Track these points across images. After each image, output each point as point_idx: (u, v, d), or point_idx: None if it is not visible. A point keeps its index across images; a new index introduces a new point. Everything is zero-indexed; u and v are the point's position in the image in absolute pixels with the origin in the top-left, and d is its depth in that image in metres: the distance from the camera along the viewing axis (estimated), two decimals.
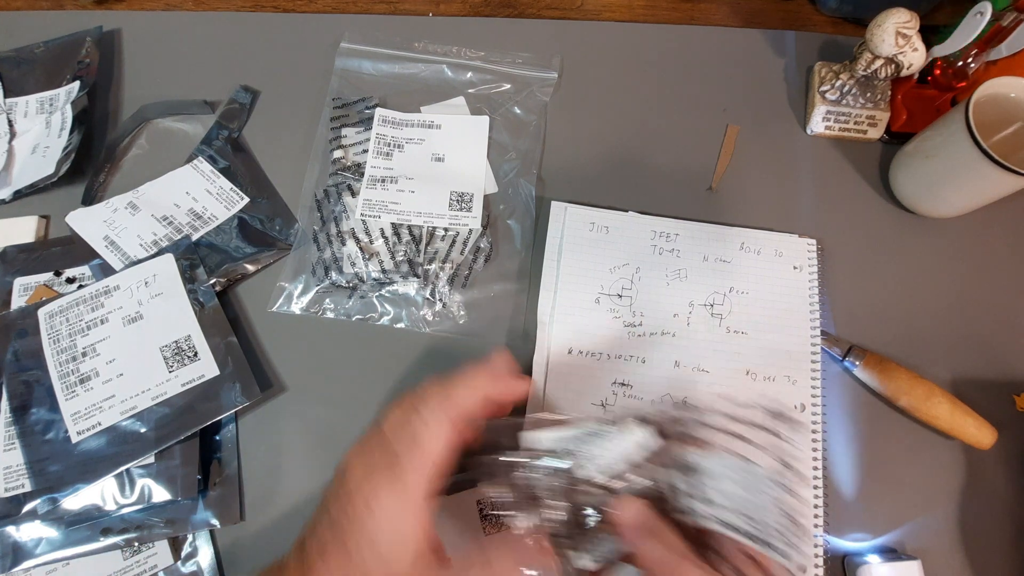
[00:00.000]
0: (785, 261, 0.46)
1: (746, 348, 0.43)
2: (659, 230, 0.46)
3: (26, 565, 0.37)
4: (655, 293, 0.45)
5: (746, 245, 0.46)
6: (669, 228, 0.47)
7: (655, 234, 0.46)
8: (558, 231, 0.46)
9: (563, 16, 0.57)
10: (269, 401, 0.42)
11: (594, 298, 0.44)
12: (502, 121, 0.51)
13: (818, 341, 0.43)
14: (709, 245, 0.46)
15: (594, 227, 0.46)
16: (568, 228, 0.46)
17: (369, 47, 0.53)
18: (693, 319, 0.44)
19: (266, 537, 0.39)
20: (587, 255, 0.45)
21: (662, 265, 0.45)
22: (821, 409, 0.42)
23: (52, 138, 0.48)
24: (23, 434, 0.39)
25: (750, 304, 0.44)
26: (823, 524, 0.39)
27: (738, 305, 0.44)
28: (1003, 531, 0.40)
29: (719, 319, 0.44)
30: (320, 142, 0.49)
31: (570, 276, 0.45)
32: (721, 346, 0.43)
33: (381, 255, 0.45)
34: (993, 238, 0.48)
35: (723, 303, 0.44)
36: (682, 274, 0.45)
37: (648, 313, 0.44)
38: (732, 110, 0.52)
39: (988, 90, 0.41)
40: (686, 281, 0.45)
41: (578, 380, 0.42)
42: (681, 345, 0.43)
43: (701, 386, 0.42)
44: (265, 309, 0.44)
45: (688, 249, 0.46)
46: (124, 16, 0.55)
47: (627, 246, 0.46)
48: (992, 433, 0.40)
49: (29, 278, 0.44)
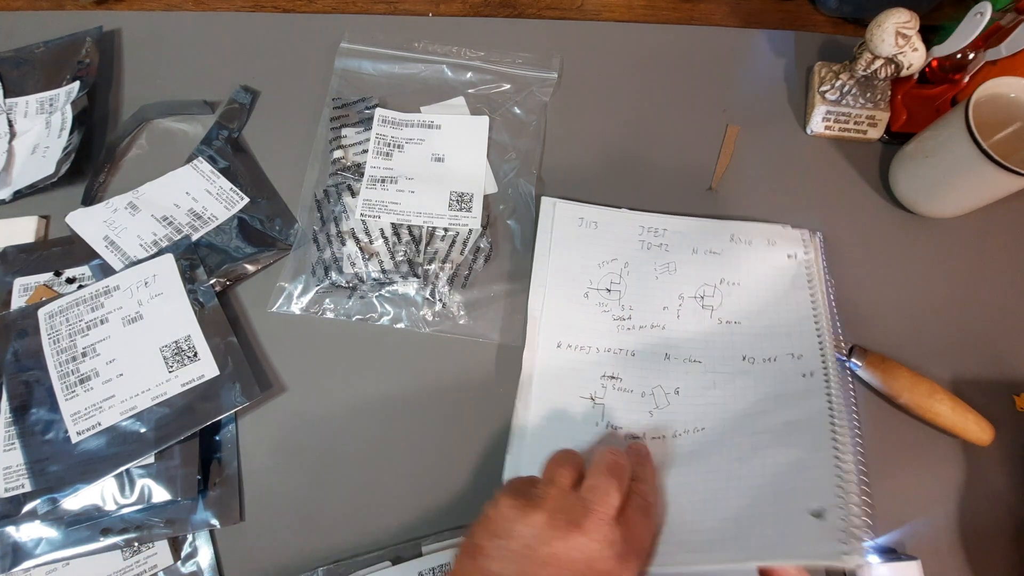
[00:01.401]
0: (778, 250, 0.45)
1: (740, 336, 0.43)
2: (648, 225, 0.46)
3: (26, 565, 0.37)
4: (644, 287, 0.45)
5: (736, 236, 0.46)
6: (658, 223, 0.47)
7: (643, 229, 0.46)
8: (548, 227, 0.46)
9: (563, 16, 0.57)
10: (269, 401, 0.42)
11: (583, 292, 0.44)
12: (502, 121, 0.51)
13: (822, 322, 0.43)
14: (699, 238, 0.46)
15: (583, 222, 0.46)
16: (557, 223, 0.46)
17: (369, 47, 0.53)
18: (683, 311, 0.44)
19: (266, 537, 0.39)
20: (576, 250, 0.45)
21: (651, 259, 0.45)
22: (831, 372, 0.40)
23: (52, 138, 0.48)
24: (23, 434, 0.39)
25: (743, 294, 0.44)
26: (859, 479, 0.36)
27: (730, 296, 0.44)
28: (1003, 531, 0.40)
29: (710, 311, 0.44)
30: (320, 142, 0.49)
31: (559, 271, 0.45)
32: (714, 337, 0.43)
33: (381, 255, 0.45)
34: (993, 238, 0.48)
35: (713, 295, 0.44)
36: (671, 267, 0.45)
37: (637, 307, 0.44)
38: (732, 110, 0.52)
39: (988, 90, 0.41)
40: (675, 274, 0.45)
41: (568, 374, 0.42)
42: (671, 337, 0.43)
43: (693, 376, 0.42)
44: (265, 309, 0.44)
45: (677, 243, 0.46)
46: (124, 16, 0.55)
47: (616, 241, 0.46)
48: (992, 429, 0.40)
49: (29, 278, 0.44)
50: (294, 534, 0.39)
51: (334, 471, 0.41)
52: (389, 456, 0.41)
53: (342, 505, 0.40)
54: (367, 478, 0.40)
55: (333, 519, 0.40)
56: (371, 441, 0.41)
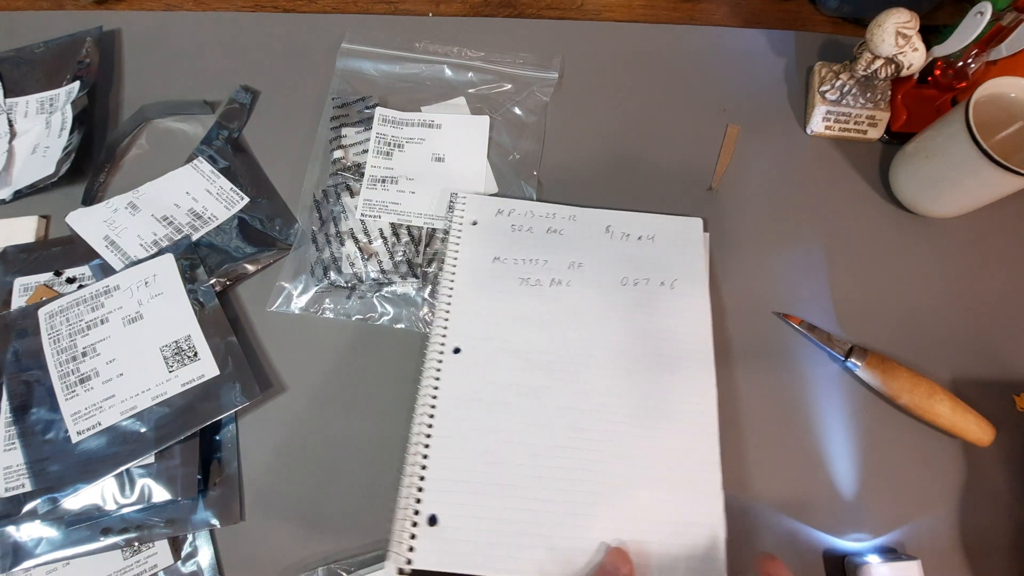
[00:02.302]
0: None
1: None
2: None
3: (26, 565, 0.37)
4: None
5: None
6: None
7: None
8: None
9: (563, 16, 0.57)
10: (269, 401, 0.42)
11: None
12: (502, 121, 0.51)
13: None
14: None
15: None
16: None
17: (369, 47, 0.53)
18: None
19: (266, 537, 0.39)
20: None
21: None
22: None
23: (52, 138, 0.48)
24: (23, 434, 0.39)
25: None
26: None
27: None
28: (1003, 531, 0.40)
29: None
30: (320, 142, 0.49)
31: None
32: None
33: (380, 255, 0.45)
34: (993, 238, 0.48)
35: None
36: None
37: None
38: (732, 110, 0.52)
39: (988, 90, 0.41)
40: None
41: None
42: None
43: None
44: (265, 309, 0.44)
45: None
46: (124, 16, 0.55)
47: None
48: (992, 430, 0.40)
49: (29, 278, 0.44)
50: (294, 534, 0.39)
51: (334, 471, 0.41)
52: (389, 456, 0.41)
53: (342, 505, 0.40)
54: (367, 478, 0.40)
55: (333, 519, 0.40)
56: (371, 441, 0.41)
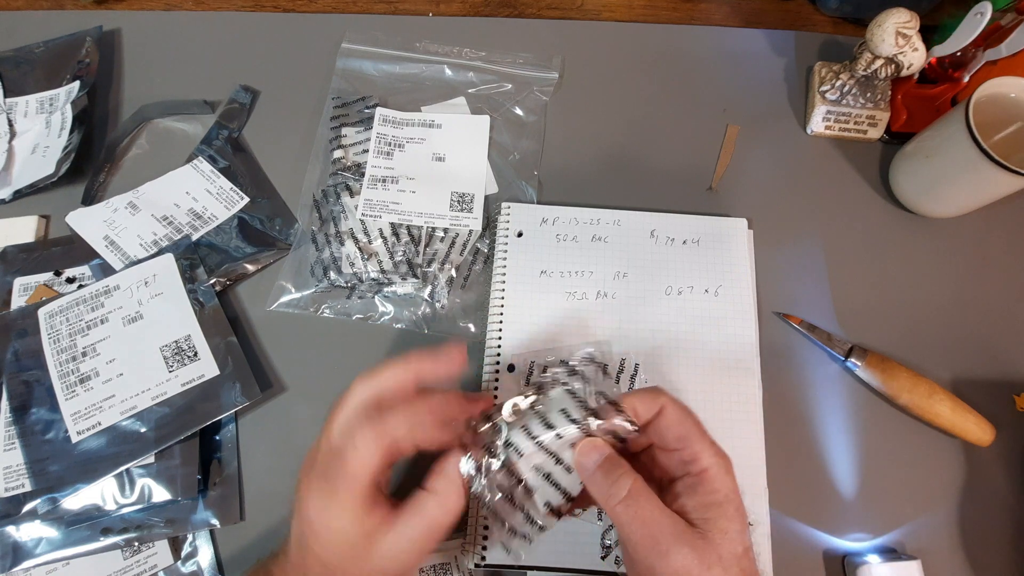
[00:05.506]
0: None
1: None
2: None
3: (26, 565, 0.37)
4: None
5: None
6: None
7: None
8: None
9: (563, 16, 0.57)
10: (269, 401, 0.42)
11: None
12: (503, 121, 0.51)
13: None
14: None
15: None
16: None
17: (369, 47, 0.53)
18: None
19: (266, 537, 0.39)
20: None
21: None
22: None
23: (52, 138, 0.48)
24: (23, 434, 0.39)
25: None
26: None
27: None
28: (1003, 531, 0.40)
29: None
30: (320, 142, 0.49)
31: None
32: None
33: (380, 255, 0.45)
34: (993, 238, 0.48)
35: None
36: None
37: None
38: (732, 110, 0.52)
39: (988, 90, 0.41)
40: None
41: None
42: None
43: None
44: (265, 309, 0.44)
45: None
46: (124, 16, 0.55)
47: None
48: (992, 430, 0.40)
49: (29, 278, 0.44)
50: None
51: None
52: None
53: None
54: None
55: None
56: None
